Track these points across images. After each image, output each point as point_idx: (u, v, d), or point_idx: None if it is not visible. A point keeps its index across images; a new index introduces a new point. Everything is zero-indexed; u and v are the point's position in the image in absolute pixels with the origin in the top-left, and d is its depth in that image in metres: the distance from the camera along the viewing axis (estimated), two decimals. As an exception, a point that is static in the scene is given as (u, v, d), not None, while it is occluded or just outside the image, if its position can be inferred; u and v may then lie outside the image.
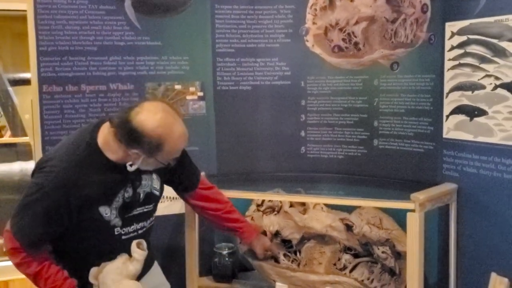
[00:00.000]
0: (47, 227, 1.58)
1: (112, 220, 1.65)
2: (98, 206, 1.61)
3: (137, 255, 1.65)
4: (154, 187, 1.75)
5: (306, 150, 2.53)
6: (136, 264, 1.64)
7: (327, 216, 2.33)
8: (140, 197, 1.71)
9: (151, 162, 1.61)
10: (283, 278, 2.26)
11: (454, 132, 2.12)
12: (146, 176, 1.73)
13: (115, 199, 1.64)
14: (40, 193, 1.55)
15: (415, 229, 1.93)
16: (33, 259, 1.60)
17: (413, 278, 1.95)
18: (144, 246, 1.67)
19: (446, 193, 2.08)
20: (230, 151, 2.49)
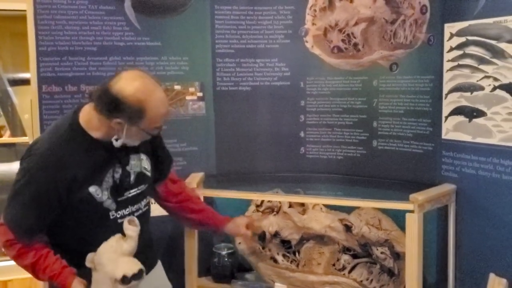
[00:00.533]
0: (39, 212, 1.56)
1: (105, 202, 1.62)
2: (88, 186, 1.59)
3: (130, 231, 1.61)
4: (144, 167, 1.73)
5: (305, 150, 2.53)
6: (130, 242, 1.61)
7: (326, 216, 2.33)
8: (131, 177, 1.68)
9: (135, 132, 1.58)
10: (282, 279, 2.26)
11: (453, 133, 2.12)
12: (134, 156, 1.70)
13: (104, 179, 1.62)
14: (26, 178, 1.55)
15: (414, 230, 1.94)
16: (29, 249, 1.58)
17: (412, 278, 1.95)
18: (136, 222, 1.64)
19: (445, 194, 2.09)
20: (230, 151, 2.49)
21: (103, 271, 1.57)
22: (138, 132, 1.58)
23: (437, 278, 2.22)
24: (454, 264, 2.13)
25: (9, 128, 4.01)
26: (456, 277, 2.13)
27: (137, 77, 1.55)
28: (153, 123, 1.58)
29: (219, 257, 2.39)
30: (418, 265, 1.95)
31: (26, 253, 1.58)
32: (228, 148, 2.49)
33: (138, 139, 1.63)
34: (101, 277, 1.58)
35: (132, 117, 1.54)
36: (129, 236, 1.62)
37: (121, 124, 1.55)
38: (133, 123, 1.55)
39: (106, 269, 1.56)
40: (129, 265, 1.57)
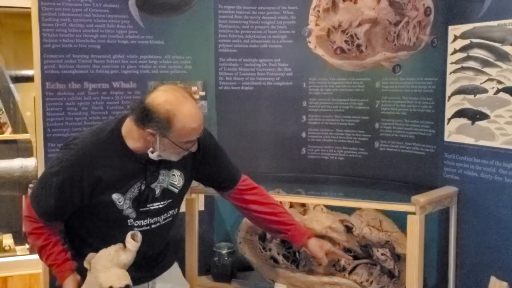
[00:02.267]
0: (59, 203, 1.63)
1: (125, 210, 1.66)
2: (112, 193, 1.63)
3: (130, 245, 1.65)
4: (171, 183, 1.75)
5: (307, 151, 2.52)
6: (128, 254, 1.64)
7: (327, 217, 2.32)
8: (156, 192, 1.71)
9: (168, 146, 1.59)
10: (282, 279, 2.26)
11: (455, 135, 2.11)
12: (164, 172, 1.72)
13: (129, 189, 1.65)
14: (58, 167, 1.62)
15: (415, 232, 1.93)
16: (42, 232, 1.66)
17: (412, 280, 1.95)
18: (139, 238, 1.66)
19: (446, 196, 2.08)
20: (231, 151, 2.39)
21: (95, 275, 1.61)
22: (170, 145, 1.59)
23: (437, 280, 2.21)
24: (455, 267, 2.12)
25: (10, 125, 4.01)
26: (456, 280, 2.12)
27: (169, 89, 1.60)
28: (183, 136, 1.59)
29: (220, 256, 2.39)
30: (419, 267, 1.94)
31: (39, 234, 1.67)
32: (230, 147, 2.40)
33: (175, 153, 1.63)
34: (92, 280, 1.63)
35: (161, 128, 1.56)
36: (128, 249, 1.64)
37: (154, 135, 1.58)
38: (163, 134, 1.57)
39: (98, 274, 1.61)
40: (119, 278, 1.61)
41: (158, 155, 1.62)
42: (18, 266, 3.36)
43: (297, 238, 1.94)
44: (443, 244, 2.16)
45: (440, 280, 2.19)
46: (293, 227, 1.95)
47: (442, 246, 2.17)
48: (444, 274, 2.15)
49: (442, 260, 2.17)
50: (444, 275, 2.15)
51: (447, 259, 2.13)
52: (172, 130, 1.56)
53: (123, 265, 1.64)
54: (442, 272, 2.17)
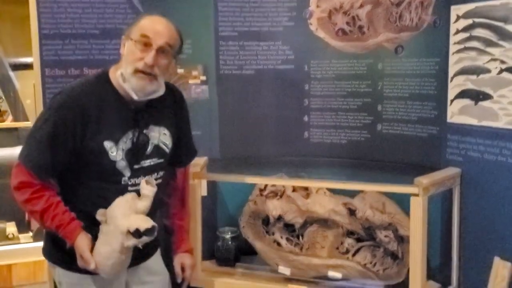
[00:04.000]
0: (53, 150, 1.59)
1: (119, 162, 1.64)
2: (103, 140, 1.62)
3: (147, 191, 1.63)
4: (162, 141, 1.75)
5: (309, 135, 2.52)
6: (145, 201, 1.62)
7: (330, 200, 2.33)
8: (148, 149, 1.71)
9: (129, 49, 1.63)
10: (286, 262, 2.28)
11: (458, 116, 2.11)
12: (155, 128, 1.73)
13: (122, 138, 1.64)
14: (46, 115, 1.61)
15: (418, 213, 1.94)
16: (41, 195, 1.60)
17: (415, 262, 1.96)
18: (153, 183, 1.66)
19: (449, 177, 2.08)
20: (233, 135, 2.49)
21: (115, 224, 1.57)
22: (130, 48, 1.63)
23: (441, 262, 2.23)
24: (458, 248, 2.13)
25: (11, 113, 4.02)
26: (460, 261, 2.14)
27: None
28: (140, 29, 1.63)
29: (223, 240, 2.41)
30: (422, 248, 1.96)
31: (38, 198, 1.60)
32: (232, 132, 2.48)
33: (133, 60, 1.62)
34: (111, 230, 1.58)
35: (129, 30, 1.64)
36: (144, 195, 1.63)
37: (124, 43, 1.65)
38: (128, 35, 1.63)
39: (118, 222, 1.57)
40: (143, 220, 1.57)
41: (121, 74, 1.62)
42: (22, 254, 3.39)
43: (180, 246, 1.94)
44: (447, 226, 2.17)
45: (444, 261, 2.21)
46: (179, 234, 1.95)
47: (445, 228, 2.18)
48: (448, 255, 2.17)
49: (445, 241, 2.18)
50: (448, 256, 2.17)
51: (450, 240, 2.15)
52: (134, 27, 1.63)
53: (142, 213, 1.61)
54: (445, 253, 2.19)
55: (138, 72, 1.62)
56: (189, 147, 1.95)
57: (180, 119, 1.85)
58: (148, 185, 1.65)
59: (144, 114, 1.70)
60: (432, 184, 1.99)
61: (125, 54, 1.65)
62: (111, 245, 1.58)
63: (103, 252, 1.59)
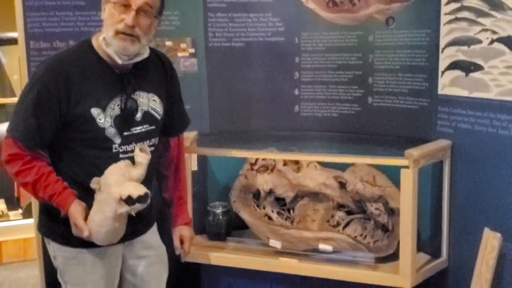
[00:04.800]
0: (39, 118, 1.58)
1: (108, 130, 1.63)
2: (90, 107, 1.61)
3: (141, 158, 1.61)
4: (152, 107, 1.74)
5: (299, 108, 2.52)
6: (139, 169, 1.61)
7: (321, 174, 2.34)
8: (137, 115, 1.70)
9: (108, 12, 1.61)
10: (276, 236, 2.28)
11: (449, 88, 2.11)
12: (143, 94, 1.72)
13: (109, 105, 1.64)
14: (31, 83, 1.61)
15: (408, 186, 1.95)
16: (32, 166, 1.59)
17: (406, 234, 1.98)
18: (147, 150, 1.65)
19: (440, 149, 2.09)
20: (223, 109, 2.47)
21: (108, 191, 1.56)
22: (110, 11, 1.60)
23: (431, 234, 2.25)
24: (448, 219, 2.15)
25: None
26: (450, 232, 2.16)
27: None
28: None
29: (214, 215, 2.41)
30: (413, 220, 1.97)
31: (29, 169, 1.60)
32: (222, 106, 2.47)
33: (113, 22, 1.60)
34: (104, 197, 1.58)
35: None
36: (138, 163, 1.61)
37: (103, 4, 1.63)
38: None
39: (111, 189, 1.56)
40: (136, 187, 1.56)
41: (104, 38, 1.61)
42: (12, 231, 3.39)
43: (175, 218, 1.95)
44: (437, 198, 2.18)
45: (434, 233, 2.22)
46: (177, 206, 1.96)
47: (436, 200, 2.19)
48: (438, 227, 2.18)
49: (435, 213, 2.20)
50: (438, 228, 2.18)
51: (440, 212, 2.16)
52: None
53: (136, 180, 1.60)
54: (435, 225, 2.20)
55: (119, 34, 1.60)
56: (182, 115, 1.93)
57: (171, 86, 1.83)
58: (142, 153, 1.63)
59: (131, 79, 1.69)
60: (423, 156, 1.99)
61: (106, 18, 1.63)
62: (105, 212, 1.58)
63: (96, 220, 1.59)
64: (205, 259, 2.24)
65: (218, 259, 2.24)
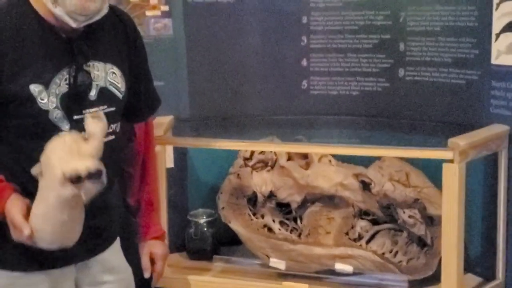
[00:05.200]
0: None
1: (52, 113, 1.61)
2: (29, 83, 1.58)
3: (92, 126, 1.55)
4: (111, 82, 1.72)
5: (309, 84, 2.52)
6: (92, 141, 1.54)
7: (337, 171, 2.33)
8: (91, 92, 1.67)
9: None
10: (279, 253, 2.28)
11: (506, 56, 2.10)
12: (99, 64, 1.70)
13: (53, 79, 1.61)
14: None
15: (453, 185, 1.93)
16: None
17: (450, 249, 1.97)
18: (102, 116, 1.60)
19: (495, 137, 2.08)
20: (208, 87, 2.48)
21: (51, 173, 1.51)
22: None
23: (482, 249, 2.24)
24: (506, 230, 2.14)
25: None
26: (508, 247, 2.15)
27: None
28: None
29: (196, 227, 2.41)
30: (458, 231, 1.96)
31: None
32: (206, 82, 2.48)
33: None
34: (46, 182, 1.53)
35: None
36: (91, 133, 1.56)
37: None
38: None
39: (54, 170, 1.51)
40: (83, 161, 1.49)
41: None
42: None
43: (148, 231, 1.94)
44: (491, 202, 2.18)
45: (486, 248, 2.22)
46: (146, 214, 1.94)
47: (489, 203, 2.19)
48: (492, 241, 2.18)
49: (488, 222, 2.20)
50: (492, 242, 2.18)
51: (495, 221, 2.16)
52: None
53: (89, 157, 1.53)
54: (488, 238, 2.20)
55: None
56: (150, 93, 1.92)
57: (135, 55, 1.81)
58: (94, 120, 1.58)
59: (82, 45, 1.66)
60: (472, 147, 1.98)
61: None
62: (47, 200, 1.54)
63: (39, 213, 1.55)
64: (184, 284, 2.24)
65: (202, 285, 2.24)
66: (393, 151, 2.14)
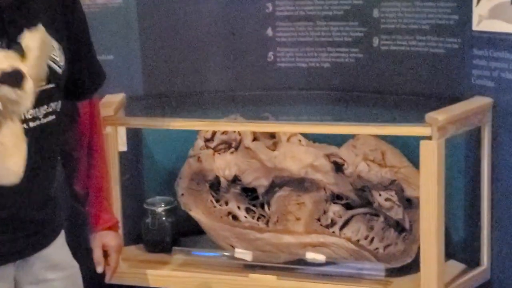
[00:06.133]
0: None
1: None
2: None
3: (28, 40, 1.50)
4: (51, 57, 1.68)
5: (275, 56, 2.52)
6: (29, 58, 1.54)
7: (307, 151, 2.35)
8: None
9: None
10: (245, 242, 2.29)
11: (488, 21, 2.11)
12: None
13: None
14: None
15: (431, 164, 1.95)
16: None
17: (429, 233, 1.98)
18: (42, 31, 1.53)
19: (477, 110, 2.09)
20: (163, 61, 2.48)
21: None
22: None
23: (466, 232, 2.27)
24: (491, 212, 2.16)
25: None
26: (493, 231, 2.17)
27: None
28: None
29: (154, 216, 2.41)
30: (438, 214, 1.97)
31: None
32: (161, 55, 2.48)
33: None
34: None
35: None
36: (28, 48, 1.53)
37: None
38: None
39: None
40: None
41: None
42: None
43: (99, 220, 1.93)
44: (474, 181, 2.20)
45: (470, 231, 2.24)
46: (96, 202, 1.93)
47: (472, 184, 2.21)
48: (476, 224, 2.20)
49: (472, 203, 2.21)
50: (476, 224, 2.20)
51: (479, 201, 2.17)
52: None
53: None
54: (472, 221, 2.22)
55: None
56: (93, 66, 1.90)
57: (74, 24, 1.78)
58: (31, 33, 1.52)
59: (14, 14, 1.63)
60: (451, 122, 2.00)
61: None
62: None
63: None
64: (141, 279, 2.24)
65: (161, 280, 2.24)
66: (367, 128, 2.15)
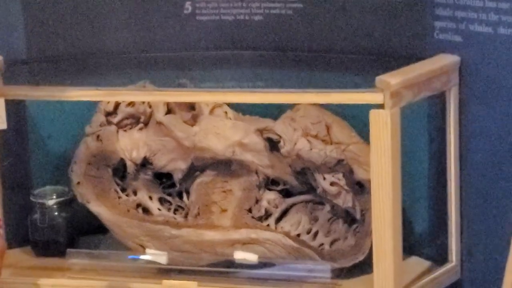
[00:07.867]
0: None
1: None
2: None
3: None
4: None
5: (193, 8, 2.53)
6: None
7: (235, 126, 2.35)
8: None
9: None
10: (159, 241, 2.31)
11: (454, -39, 2.15)
12: None
13: None
14: None
15: (384, 138, 1.95)
16: None
17: (383, 224, 1.99)
18: None
19: (440, 72, 2.10)
20: (51, 16, 2.48)
21: None
22: None
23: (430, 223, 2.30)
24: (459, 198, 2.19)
25: None
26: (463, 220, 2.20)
27: None
28: None
29: (43, 210, 2.40)
30: (394, 199, 1.98)
31: None
32: (48, 10, 2.47)
33: None
34: None
35: None
36: None
37: None
38: None
39: None
40: None
41: None
42: None
43: None
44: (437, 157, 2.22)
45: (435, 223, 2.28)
46: None
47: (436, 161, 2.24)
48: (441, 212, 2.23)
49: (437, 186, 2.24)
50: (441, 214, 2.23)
51: (445, 184, 2.20)
52: None
53: None
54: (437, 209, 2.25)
55: None
56: None
57: None
58: None
59: None
60: (408, 86, 2.00)
61: None
62: None
63: None
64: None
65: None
66: (307, 95, 2.14)
